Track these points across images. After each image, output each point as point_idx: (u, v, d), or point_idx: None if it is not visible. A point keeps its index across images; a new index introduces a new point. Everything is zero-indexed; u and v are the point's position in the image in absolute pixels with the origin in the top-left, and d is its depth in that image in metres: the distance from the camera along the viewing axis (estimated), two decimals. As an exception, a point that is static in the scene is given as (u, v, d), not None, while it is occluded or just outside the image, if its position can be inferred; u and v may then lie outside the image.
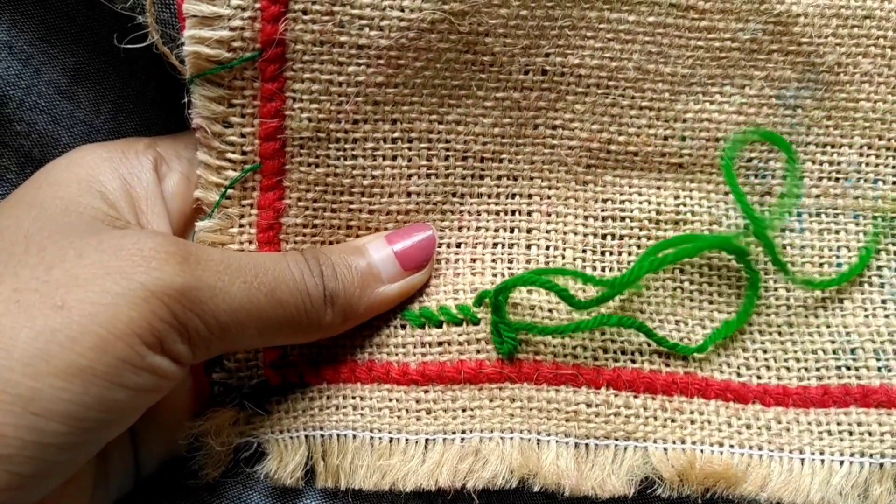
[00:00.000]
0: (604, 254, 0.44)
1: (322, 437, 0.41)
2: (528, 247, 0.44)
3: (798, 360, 0.43)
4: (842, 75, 0.43)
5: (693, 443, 0.41)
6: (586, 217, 0.44)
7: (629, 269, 0.40)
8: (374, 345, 0.42)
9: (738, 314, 0.42)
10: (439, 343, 0.42)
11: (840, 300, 0.44)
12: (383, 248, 0.41)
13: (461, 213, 0.44)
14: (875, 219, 0.44)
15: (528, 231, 0.44)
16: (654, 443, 0.41)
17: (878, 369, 0.42)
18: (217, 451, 0.40)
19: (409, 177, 0.42)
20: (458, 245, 0.44)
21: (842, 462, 0.40)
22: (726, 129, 0.43)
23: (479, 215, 0.44)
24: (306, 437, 0.41)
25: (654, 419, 0.41)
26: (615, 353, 0.42)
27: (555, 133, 0.43)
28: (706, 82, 0.43)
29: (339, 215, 0.42)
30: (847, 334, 0.43)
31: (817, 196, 0.44)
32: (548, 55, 0.41)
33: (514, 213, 0.44)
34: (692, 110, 0.43)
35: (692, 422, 0.41)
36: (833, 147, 0.44)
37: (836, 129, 0.44)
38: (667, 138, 0.43)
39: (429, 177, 0.43)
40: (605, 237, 0.44)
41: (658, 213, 0.44)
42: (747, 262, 0.42)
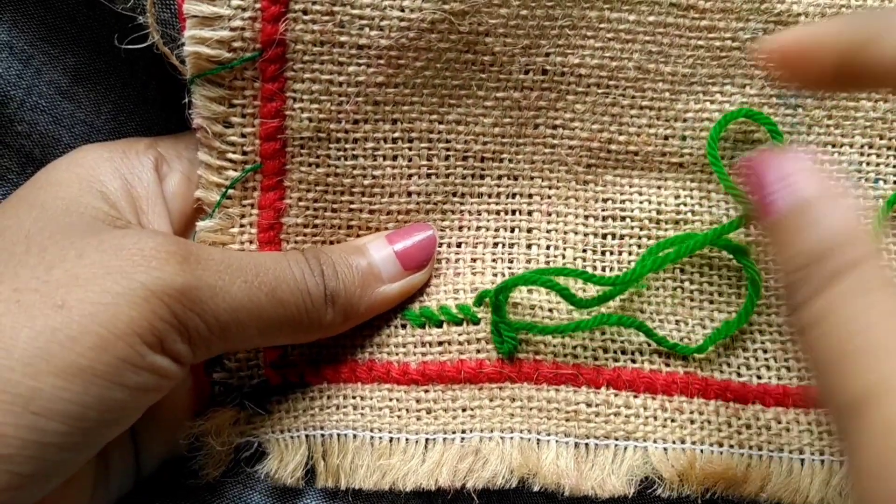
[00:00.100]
0: (604, 253, 0.44)
1: (322, 436, 0.41)
2: (529, 246, 0.44)
3: (798, 360, 0.42)
4: (843, 74, 0.43)
5: (693, 443, 0.41)
6: (587, 216, 0.44)
7: (631, 268, 0.40)
8: (374, 344, 0.42)
9: (739, 314, 0.42)
10: (439, 343, 0.42)
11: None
12: (384, 247, 0.41)
13: (462, 212, 0.44)
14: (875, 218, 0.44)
15: (529, 231, 0.44)
16: (654, 443, 0.41)
17: (879, 369, 0.42)
18: (217, 451, 0.40)
19: (410, 176, 0.42)
20: (459, 245, 0.44)
21: (842, 463, 0.40)
22: (727, 128, 0.43)
23: (480, 215, 0.44)
24: (307, 436, 0.41)
25: (654, 419, 0.41)
26: (615, 352, 0.42)
27: (555, 132, 0.43)
28: (707, 82, 0.43)
29: (339, 215, 0.42)
30: None
31: (818, 196, 0.44)
32: (548, 55, 0.41)
33: (514, 212, 0.44)
34: (693, 110, 0.43)
35: (692, 422, 0.41)
36: (834, 146, 0.44)
37: (836, 128, 0.44)
38: (667, 138, 0.43)
39: (429, 176, 0.43)
40: (605, 237, 0.44)
41: (658, 212, 0.44)
42: (747, 261, 0.42)
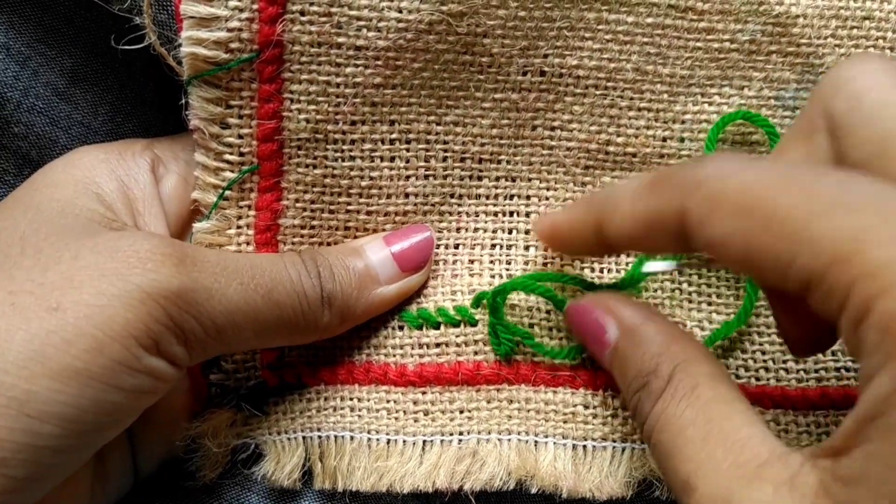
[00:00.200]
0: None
1: (319, 438, 0.41)
2: (527, 248, 0.44)
3: (797, 362, 0.42)
4: (841, 76, 0.43)
5: (691, 444, 0.41)
6: (584, 218, 0.44)
7: (627, 272, 0.40)
8: (371, 346, 0.42)
9: (737, 315, 0.42)
10: (437, 344, 0.42)
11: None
12: (381, 249, 0.41)
13: (459, 214, 0.44)
14: None
15: (527, 232, 0.44)
16: (652, 445, 0.41)
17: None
18: (214, 453, 0.40)
19: (407, 178, 0.42)
20: (456, 246, 0.44)
21: None
22: (725, 130, 0.43)
23: (478, 217, 0.44)
24: (304, 438, 0.41)
25: None
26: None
27: (553, 134, 0.43)
28: (705, 83, 0.43)
29: (336, 217, 0.42)
30: None
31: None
32: (546, 56, 0.41)
33: (512, 214, 0.44)
34: (691, 111, 0.43)
35: (690, 423, 0.41)
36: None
37: None
38: (665, 139, 0.43)
39: (427, 178, 0.43)
40: (603, 238, 0.44)
41: None
42: None
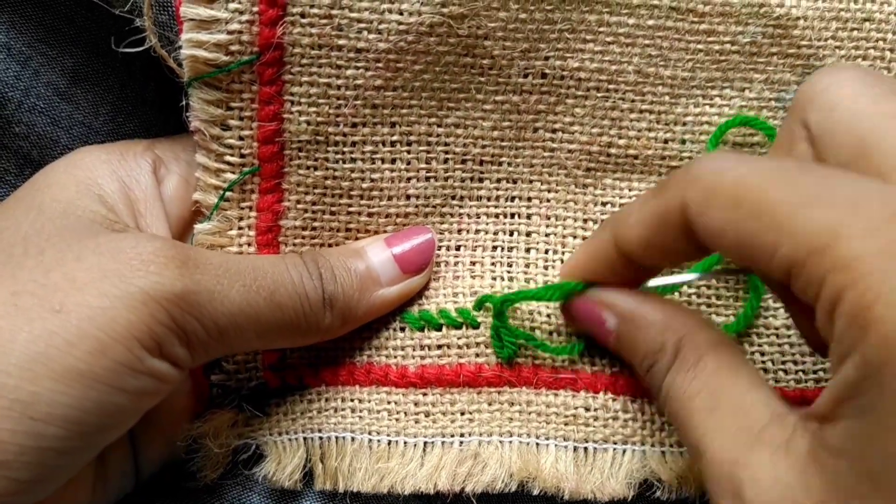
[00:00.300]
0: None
1: (320, 439, 0.41)
2: (528, 250, 0.44)
3: (796, 363, 0.42)
4: (841, 78, 0.43)
5: (692, 446, 0.41)
6: (585, 220, 0.44)
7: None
8: (372, 347, 0.42)
9: (738, 318, 0.42)
10: (438, 346, 0.42)
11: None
12: (382, 251, 0.41)
13: (460, 216, 0.44)
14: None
15: (528, 234, 0.44)
16: (652, 446, 0.41)
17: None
18: (215, 454, 0.40)
19: (408, 180, 0.42)
20: (458, 248, 0.44)
21: None
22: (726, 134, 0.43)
23: (479, 218, 0.44)
24: (304, 439, 0.41)
25: (652, 423, 0.41)
26: (613, 358, 0.42)
27: (554, 136, 0.43)
28: (706, 85, 0.43)
29: (337, 218, 0.42)
30: None
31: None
32: (547, 58, 0.41)
33: (513, 216, 0.44)
34: (692, 113, 0.43)
35: (691, 425, 0.41)
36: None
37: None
38: (667, 141, 0.43)
39: (428, 180, 0.43)
40: (604, 240, 0.44)
41: None
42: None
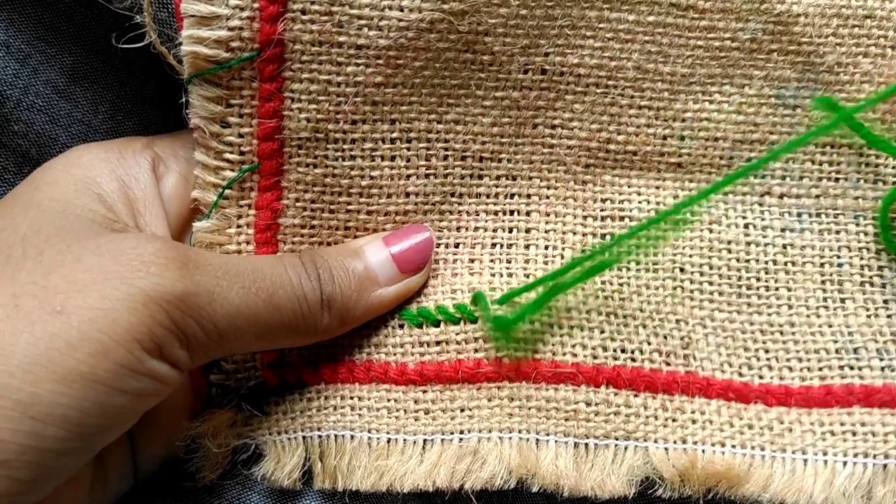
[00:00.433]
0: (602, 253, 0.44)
1: (320, 437, 0.40)
2: (527, 247, 0.44)
3: (800, 360, 0.42)
4: (842, 75, 0.43)
5: (695, 443, 0.40)
6: (585, 217, 0.44)
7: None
8: (371, 345, 0.42)
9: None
10: (437, 342, 0.42)
11: (842, 300, 0.43)
12: (381, 250, 0.41)
13: (459, 213, 0.44)
14: (875, 219, 0.44)
15: (527, 231, 0.44)
16: (655, 442, 0.40)
17: (882, 369, 0.41)
18: (215, 453, 0.40)
19: (408, 177, 0.42)
20: (457, 245, 0.44)
21: (845, 463, 0.40)
22: (725, 128, 0.43)
23: (478, 215, 0.44)
24: (304, 437, 0.40)
25: (655, 418, 0.41)
26: (615, 351, 0.42)
27: (554, 132, 0.43)
28: (705, 82, 0.43)
29: (337, 216, 0.42)
30: (849, 334, 0.42)
31: (817, 196, 0.44)
32: (547, 54, 0.41)
33: (512, 213, 0.44)
34: (691, 110, 0.43)
35: (694, 421, 0.41)
36: (833, 147, 0.44)
37: (836, 129, 0.43)
38: (666, 138, 0.43)
39: (427, 177, 0.43)
40: (603, 237, 0.44)
41: (657, 212, 0.44)
42: None
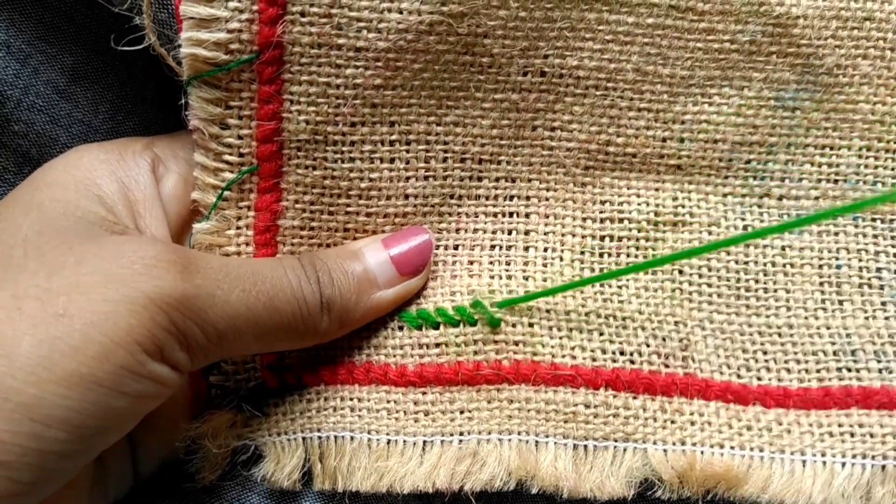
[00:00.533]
0: (602, 256, 0.44)
1: (319, 438, 0.41)
2: (526, 249, 0.44)
3: (799, 362, 0.42)
4: (841, 77, 0.43)
5: (693, 444, 0.40)
6: (584, 219, 0.44)
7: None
8: (371, 346, 0.42)
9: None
10: (436, 344, 0.42)
11: (840, 302, 0.43)
12: (380, 252, 0.41)
13: (459, 215, 0.44)
14: (874, 221, 0.44)
15: (526, 233, 0.44)
16: (654, 444, 0.40)
17: (879, 371, 0.42)
18: (214, 454, 0.40)
19: (407, 179, 0.42)
20: (456, 247, 0.44)
21: (843, 464, 0.40)
22: (724, 130, 0.43)
23: (477, 217, 0.44)
24: (303, 439, 0.40)
25: (654, 420, 0.41)
26: (613, 353, 0.42)
27: (553, 135, 0.43)
28: (705, 84, 0.43)
29: (336, 218, 0.42)
30: (847, 336, 0.43)
31: (816, 198, 0.44)
32: (546, 57, 0.41)
33: (511, 215, 0.44)
34: (690, 112, 0.43)
35: (692, 423, 0.41)
36: (832, 149, 0.44)
37: (834, 131, 0.44)
38: (665, 140, 0.43)
39: (426, 179, 0.43)
40: (603, 239, 0.44)
41: (656, 214, 0.44)
42: None
